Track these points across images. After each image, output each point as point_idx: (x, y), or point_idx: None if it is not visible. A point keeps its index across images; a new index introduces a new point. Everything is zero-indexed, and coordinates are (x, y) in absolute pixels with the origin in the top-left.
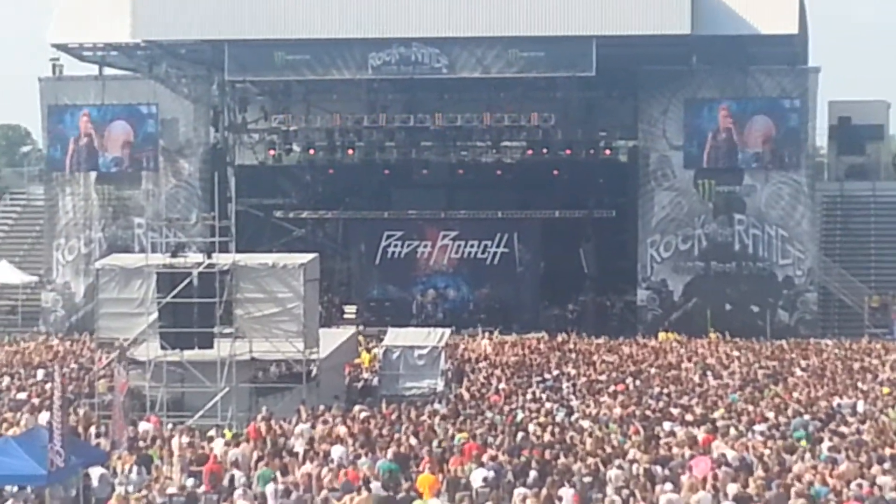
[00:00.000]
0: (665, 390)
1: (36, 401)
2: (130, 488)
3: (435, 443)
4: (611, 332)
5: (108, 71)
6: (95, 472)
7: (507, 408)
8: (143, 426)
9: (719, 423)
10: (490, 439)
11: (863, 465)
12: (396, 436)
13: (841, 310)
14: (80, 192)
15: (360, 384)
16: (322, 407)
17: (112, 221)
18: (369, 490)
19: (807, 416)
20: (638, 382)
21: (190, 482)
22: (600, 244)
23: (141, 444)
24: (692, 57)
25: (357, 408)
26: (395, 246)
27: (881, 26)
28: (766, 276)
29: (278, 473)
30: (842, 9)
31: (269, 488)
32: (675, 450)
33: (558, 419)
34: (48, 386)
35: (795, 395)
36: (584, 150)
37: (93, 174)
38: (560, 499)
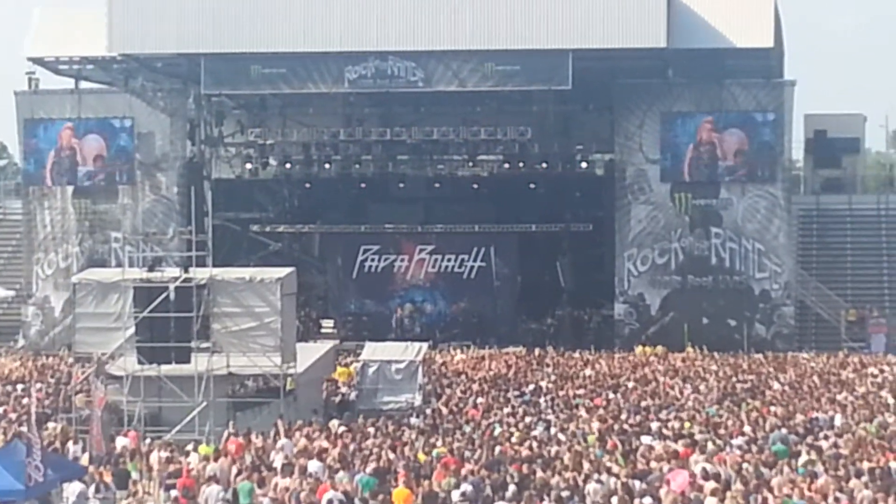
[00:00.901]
0: (643, 404)
1: (13, 416)
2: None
3: (412, 457)
4: (588, 345)
5: (84, 85)
6: (72, 488)
7: (484, 422)
8: (121, 441)
9: (697, 437)
10: (468, 453)
11: (841, 478)
12: (375, 450)
13: (818, 324)
14: (58, 205)
15: (337, 398)
16: (300, 421)
17: (89, 236)
18: None
19: (784, 430)
20: (616, 396)
21: (167, 496)
22: (577, 258)
23: (119, 459)
24: (668, 70)
25: (335, 422)
26: (372, 260)
27: (857, 40)
28: (743, 290)
29: (256, 486)
30: (818, 22)
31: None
32: (653, 464)
33: (536, 433)
34: (25, 401)
35: (773, 408)
36: (560, 164)
37: (70, 188)
38: None
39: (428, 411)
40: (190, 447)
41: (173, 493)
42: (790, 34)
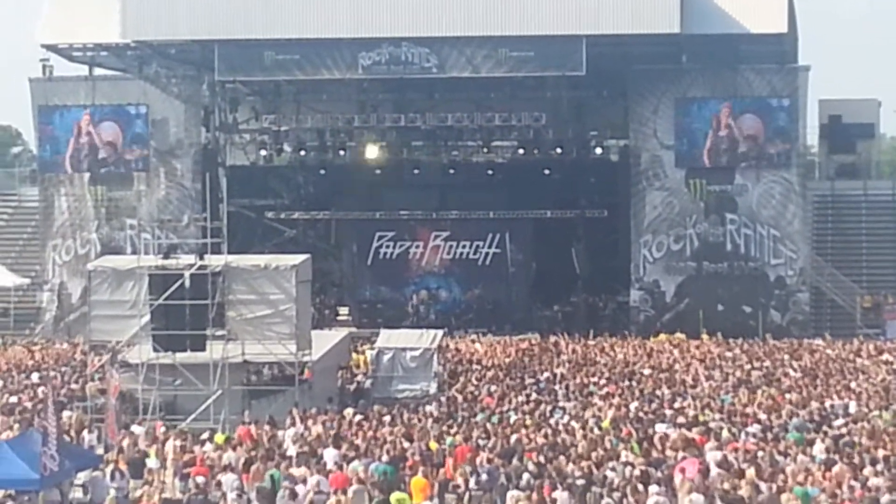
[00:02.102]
0: (658, 392)
1: (28, 404)
2: (114, 492)
3: (425, 445)
4: (603, 332)
5: (98, 71)
6: (90, 476)
7: (499, 410)
8: (136, 429)
9: (712, 425)
10: (483, 441)
11: (855, 466)
12: (390, 438)
13: (833, 310)
14: (75, 192)
15: (352, 386)
16: (315, 409)
17: (106, 222)
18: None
19: (799, 418)
20: (631, 384)
21: (183, 485)
22: (592, 244)
23: (134, 447)
24: (682, 56)
25: (349, 410)
26: (387, 247)
27: (871, 24)
28: (758, 276)
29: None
30: (832, 7)
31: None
32: (668, 452)
33: (551, 421)
34: (41, 389)
35: (788, 396)
36: (574, 150)
37: (86, 175)
38: (554, 501)
39: (443, 399)
40: (205, 436)
41: (190, 481)
42: (804, 19)
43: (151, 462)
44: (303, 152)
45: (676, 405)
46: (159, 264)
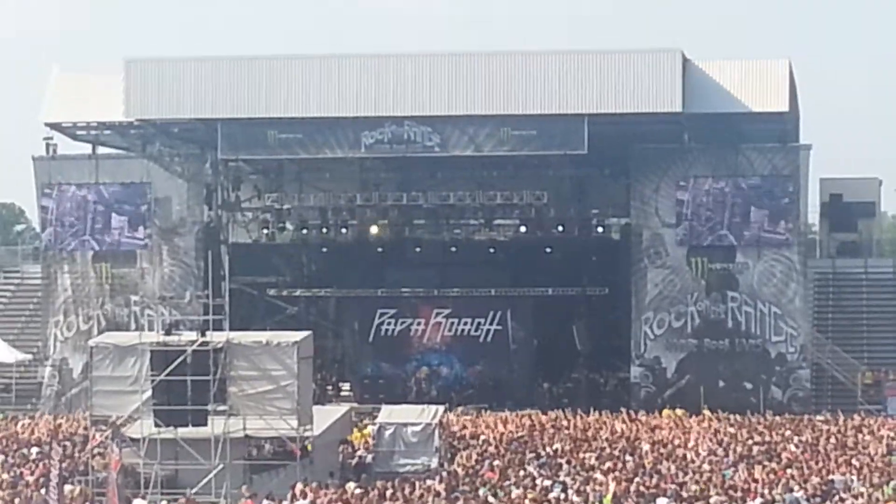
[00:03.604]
0: (659, 466)
1: (31, 478)
2: None
3: None
4: (604, 408)
5: (101, 150)
6: None
7: (501, 484)
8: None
9: (713, 500)
10: None
11: None
12: None
13: (834, 386)
14: (78, 269)
15: (354, 461)
16: (315, 484)
17: (110, 299)
18: None
19: (801, 493)
20: (632, 458)
21: None
22: (593, 321)
23: None
24: (684, 135)
25: (351, 485)
26: (389, 323)
27: (872, 104)
28: (759, 353)
29: None
30: (833, 87)
31: None
32: None
33: (553, 496)
34: (42, 464)
35: (789, 471)
36: (576, 228)
37: (89, 253)
38: None
39: (444, 473)
40: None
41: None
42: (805, 98)
43: None
44: (305, 230)
45: (678, 480)
46: (161, 340)
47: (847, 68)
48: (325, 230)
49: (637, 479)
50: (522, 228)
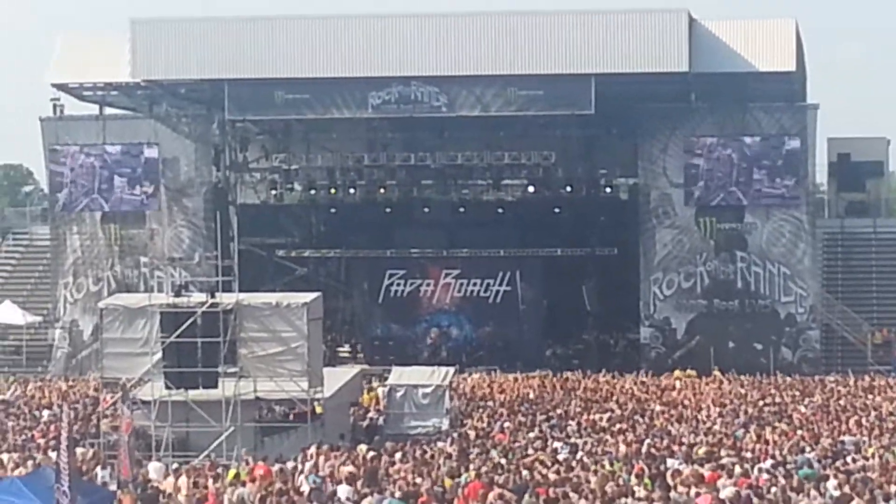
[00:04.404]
0: (669, 428)
1: (41, 441)
2: None
3: (438, 482)
4: (614, 369)
5: (108, 111)
6: None
7: (512, 446)
8: (150, 466)
9: (724, 461)
10: (496, 478)
11: (869, 502)
12: (402, 474)
13: (844, 347)
14: (87, 231)
15: (365, 423)
16: (327, 446)
17: (119, 260)
18: None
19: (812, 454)
20: (642, 420)
21: None
22: (602, 282)
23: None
24: (691, 94)
25: (362, 447)
26: (398, 284)
27: (880, 63)
28: (769, 314)
29: None
30: (840, 46)
31: None
32: (680, 488)
33: (563, 457)
34: (53, 426)
35: (800, 432)
36: (584, 188)
37: (98, 213)
38: None
39: (455, 435)
40: (219, 472)
41: None
42: (812, 58)
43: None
44: (313, 191)
45: (688, 441)
46: (171, 302)
47: (854, 28)
48: (332, 191)
49: (647, 441)
50: (530, 189)
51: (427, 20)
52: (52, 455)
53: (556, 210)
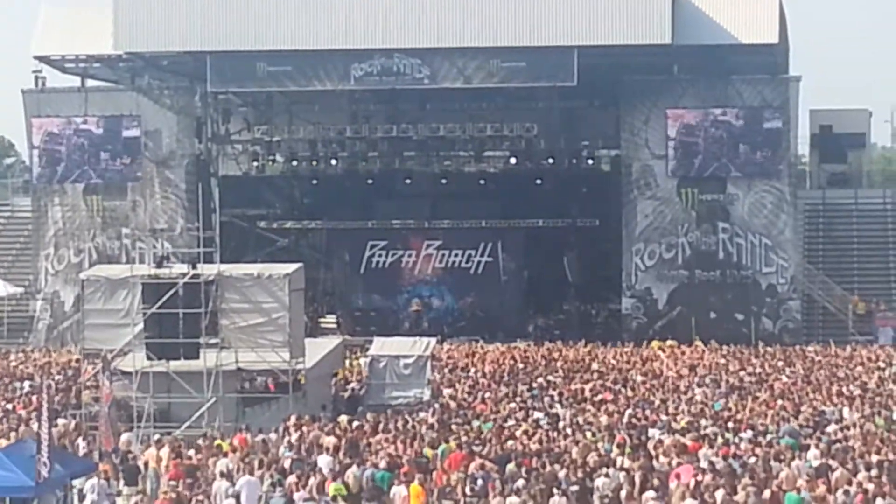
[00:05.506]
0: (651, 398)
1: (23, 412)
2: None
3: (419, 452)
4: (596, 340)
5: (90, 83)
6: (89, 484)
7: (493, 416)
8: (130, 436)
9: (706, 431)
10: (477, 448)
11: (850, 471)
12: (384, 445)
13: (825, 317)
14: (69, 202)
15: (346, 394)
16: (308, 417)
17: (101, 232)
18: None
19: (793, 423)
20: (624, 390)
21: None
22: (584, 253)
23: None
24: (673, 66)
25: (343, 417)
26: (380, 255)
27: (862, 35)
28: (750, 285)
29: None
30: (823, 18)
31: None
32: (662, 458)
33: (544, 427)
34: (34, 398)
35: (781, 402)
36: (566, 160)
37: (80, 185)
38: None
39: (437, 406)
40: (199, 443)
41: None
42: (795, 30)
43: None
44: (295, 162)
45: (670, 411)
46: (152, 273)
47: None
48: (314, 162)
49: (629, 411)
50: (512, 160)
51: None
52: (34, 426)
53: (538, 181)
